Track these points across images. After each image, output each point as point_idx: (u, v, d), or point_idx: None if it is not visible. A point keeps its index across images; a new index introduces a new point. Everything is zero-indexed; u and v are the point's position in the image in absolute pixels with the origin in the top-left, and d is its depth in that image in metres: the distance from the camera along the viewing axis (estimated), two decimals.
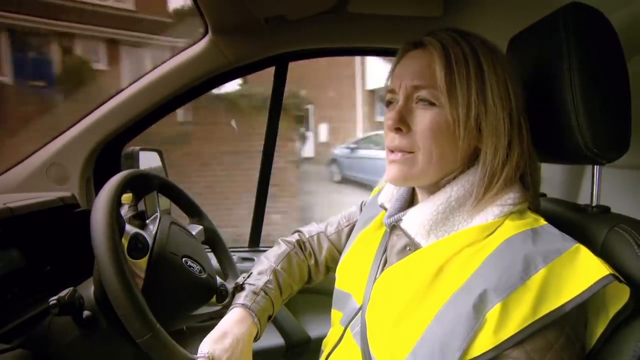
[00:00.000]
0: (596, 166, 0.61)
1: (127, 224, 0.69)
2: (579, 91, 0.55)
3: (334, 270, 0.79)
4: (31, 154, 1.15)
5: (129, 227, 0.69)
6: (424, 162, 0.57)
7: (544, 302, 0.46)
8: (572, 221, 0.60)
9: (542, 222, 0.54)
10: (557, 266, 0.48)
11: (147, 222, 0.76)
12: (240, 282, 0.76)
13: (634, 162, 0.76)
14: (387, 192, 0.71)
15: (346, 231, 0.85)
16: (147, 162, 1.08)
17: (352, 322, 0.66)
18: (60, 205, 1.00)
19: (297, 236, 0.88)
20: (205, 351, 0.63)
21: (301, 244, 0.86)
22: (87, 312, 0.68)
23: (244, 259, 1.37)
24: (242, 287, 0.74)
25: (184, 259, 0.73)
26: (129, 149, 1.06)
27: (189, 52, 1.15)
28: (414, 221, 0.59)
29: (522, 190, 0.57)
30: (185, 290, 0.73)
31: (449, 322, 0.49)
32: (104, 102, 1.16)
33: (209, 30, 1.11)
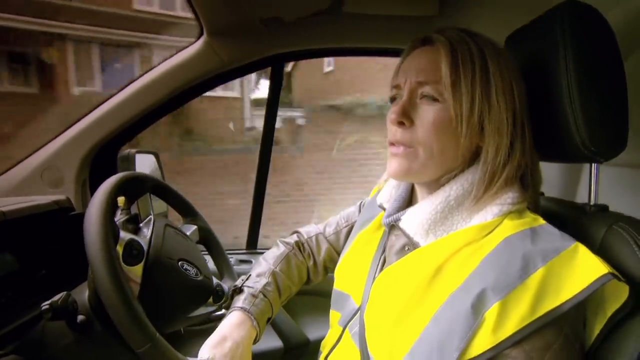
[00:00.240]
0: (594, 165, 0.61)
1: (120, 229, 0.68)
2: (575, 90, 0.55)
3: (332, 270, 0.79)
4: (26, 157, 1.14)
5: (123, 233, 0.67)
6: (424, 157, 0.57)
7: (542, 301, 0.46)
8: (570, 220, 0.60)
9: (541, 221, 0.54)
10: (556, 265, 0.48)
11: (141, 225, 0.75)
12: (239, 284, 0.75)
13: (632, 160, 0.76)
14: (386, 192, 0.71)
15: (345, 232, 0.85)
16: (143, 165, 1.07)
17: (351, 322, 0.66)
18: (54, 208, 0.99)
19: (295, 237, 0.88)
20: (205, 356, 0.62)
21: (300, 245, 0.86)
22: (81, 317, 0.67)
23: (241, 261, 1.36)
24: (241, 289, 0.74)
25: (179, 262, 0.73)
26: (125, 152, 1.05)
27: (184, 53, 1.14)
28: (412, 221, 0.58)
29: (522, 190, 0.57)
30: (182, 293, 0.72)
31: (447, 322, 0.49)
32: (100, 105, 1.15)
33: (204, 31, 1.11)
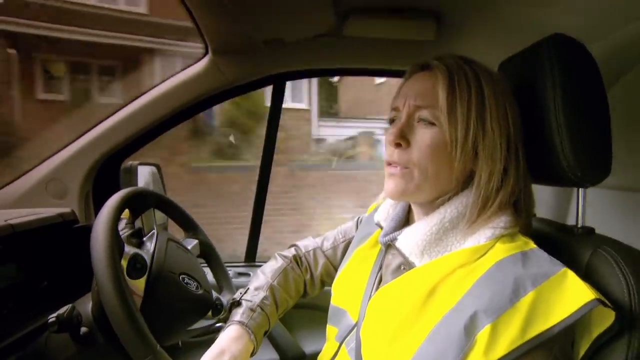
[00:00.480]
0: (581, 189, 0.63)
1: (125, 243, 0.69)
2: (562, 118, 0.57)
3: (329, 284, 0.80)
4: (31, 169, 1.16)
5: (128, 247, 0.69)
6: (419, 178, 0.59)
7: (532, 324, 0.47)
8: (559, 241, 0.62)
9: (532, 245, 0.56)
10: (545, 290, 0.49)
11: (145, 239, 0.77)
12: (237, 297, 0.76)
13: (619, 183, 0.79)
14: (384, 211, 0.72)
15: (342, 247, 0.86)
16: (145, 177, 1.09)
17: (348, 338, 0.67)
18: (59, 221, 1.01)
19: (293, 251, 0.88)
20: None
21: (297, 259, 0.87)
22: (84, 329, 0.69)
23: (240, 274, 1.37)
24: (239, 303, 0.74)
25: (181, 276, 0.74)
26: (127, 164, 1.07)
27: (189, 71, 1.18)
28: (408, 241, 0.60)
29: (515, 214, 0.58)
30: (182, 306, 0.74)
31: (441, 342, 0.50)
32: (105, 119, 1.17)
33: (209, 50, 1.14)
